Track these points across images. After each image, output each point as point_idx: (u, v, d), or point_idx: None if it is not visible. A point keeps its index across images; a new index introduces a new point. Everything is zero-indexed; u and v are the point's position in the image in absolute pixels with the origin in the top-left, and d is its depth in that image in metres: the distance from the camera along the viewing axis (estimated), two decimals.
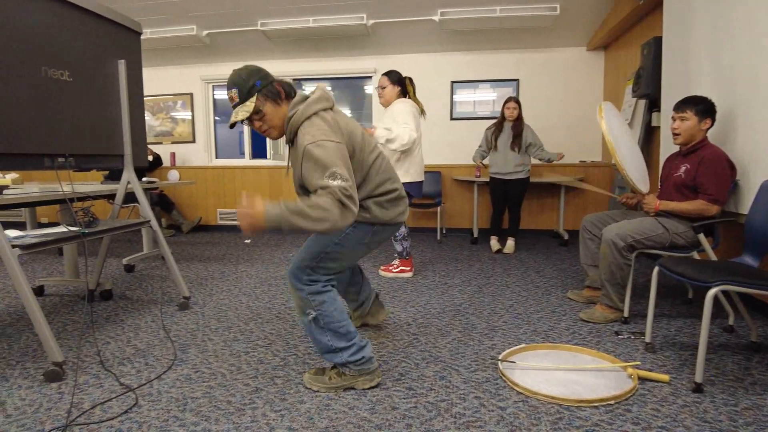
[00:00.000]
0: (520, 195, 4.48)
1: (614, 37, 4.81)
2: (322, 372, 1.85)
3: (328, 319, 1.74)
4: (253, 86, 1.68)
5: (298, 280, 1.75)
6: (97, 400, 1.74)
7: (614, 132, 2.57)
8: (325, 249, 1.75)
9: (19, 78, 2.06)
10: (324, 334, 1.75)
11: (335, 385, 1.79)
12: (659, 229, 2.40)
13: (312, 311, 1.73)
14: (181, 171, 6.14)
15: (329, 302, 1.75)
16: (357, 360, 1.77)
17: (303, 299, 1.74)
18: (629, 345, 2.23)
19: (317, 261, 1.75)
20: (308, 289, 1.73)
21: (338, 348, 1.76)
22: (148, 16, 4.80)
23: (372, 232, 1.83)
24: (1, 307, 2.89)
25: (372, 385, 1.81)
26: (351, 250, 1.81)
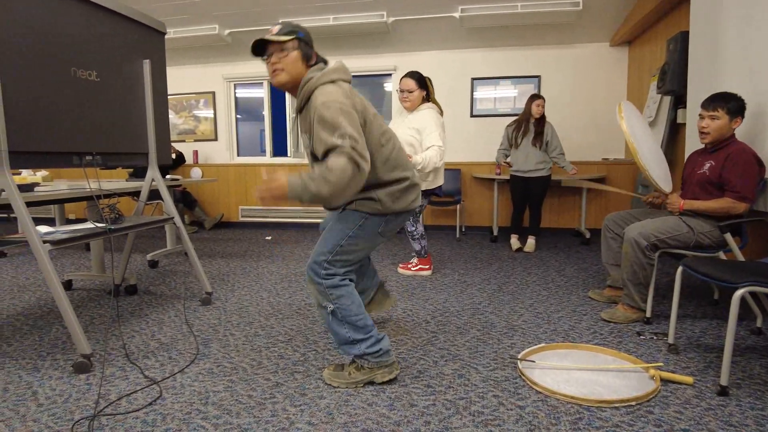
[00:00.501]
0: (541, 193, 4.44)
1: (639, 32, 4.71)
2: (342, 368, 1.87)
3: (345, 312, 1.75)
4: (297, 32, 1.73)
5: (315, 274, 1.76)
6: (123, 392, 1.79)
7: (635, 131, 2.53)
8: (340, 242, 1.77)
9: (50, 79, 2.13)
10: (342, 326, 1.77)
11: (355, 380, 1.80)
12: (683, 229, 2.36)
13: (330, 304, 1.75)
14: (204, 168, 6.24)
15: (346, 296, 1.76)
16: (374, 352, 1.78)
17: (321, 293, 1.76)
18: (651, 346, 2.20)
19: (333, 254, 1.76)
20: (326, 283, 1.75)
21: (356, 339, 1.78)
22: (171, 16, 4.88)
23: (385, 221, 1.82)
24: (32, 300, 2.99)
25: (390, 377, 1.82)
26: (366, 240, 1.81)
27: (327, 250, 1.77)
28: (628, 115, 2.55)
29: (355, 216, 1.80)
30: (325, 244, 1.78)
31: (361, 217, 1.79)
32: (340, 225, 1.80)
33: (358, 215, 1.80)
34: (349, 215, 1.81)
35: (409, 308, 2.79)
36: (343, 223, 1.81)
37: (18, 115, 1.99)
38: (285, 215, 6.10)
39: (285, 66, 1.73)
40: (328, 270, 1.76)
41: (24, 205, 1.95)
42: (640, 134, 2.60)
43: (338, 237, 1.78)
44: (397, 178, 1.81)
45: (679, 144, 3.85)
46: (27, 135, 2.03)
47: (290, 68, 1.73)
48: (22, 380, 1.89)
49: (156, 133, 2.80)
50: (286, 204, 1.57)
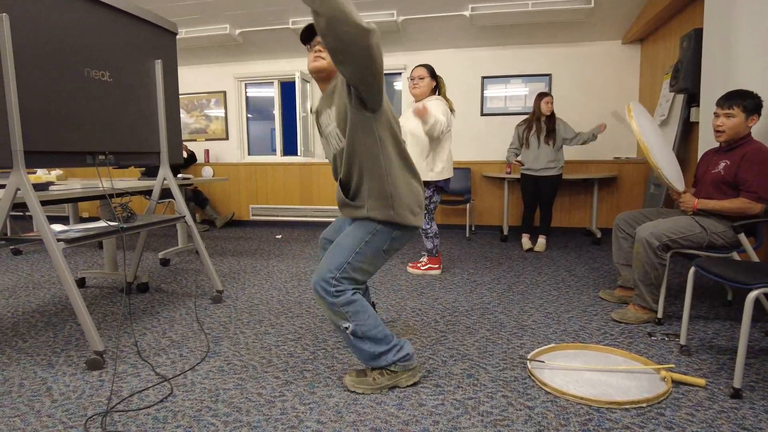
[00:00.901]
0: (552, 192, 4.41)
1: (651, 29, 4.66)
2: (364, 374, 1.81)
3: (364, 328, 1.71)
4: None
5: (326, 293, 1.68)
6: (135, 389, 1.82)
7: (645, 131, 2.50)
8: (347, 259, 1.71)
9: (64, 79, 2.16)
10: (364, 343, 1.73)
11: (380, 385, 1.77)
12: (696, 229, 2.33)
13: (348, 323, 1.69)
14: (215, 167, 6.29)
15: (362, 311, 1.71)
16: (402, 357, 1.77)
17: (336, 312, 1.70)
18: (663, 347, 2.17)
19: (340, 272, 1.70)
20: (339, 301, 1.68)
21: (380, 353, 1.74)
22: (182, 16, 4.92)
23: (391, 239, 1.78)
24: (47, 297, 3.04)
25: (415, 381, 1.81)
26: (371, 258, 1.76)
27: (334, 267, 1.70)
28: (638, 115, 2.52)
29: (364, 229, 1.76)
30: (332, 261, 1.72)
31: (370, 231, 1.75)
32: (348, 240, 1.76)
33: (365, 230, 1.75)
34: (358, 228, 1.77)
35: (418, 308, 2.79)
36: (350, 237, 1.76)
37: (33, 115, 2.02)
38: (295, 215, 6.13)
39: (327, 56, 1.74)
40: (336, 287, 1.69)
41: (39, 204, 1.98)
42: (650, 134, 2.57)
43: (346, 253, 1.73)
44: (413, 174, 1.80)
45: (692, 143, 3.81)
46: (41, 135, 2.07)
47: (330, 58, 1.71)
48: (37, 376, 1.92)
49: (167, 132, 2.82)
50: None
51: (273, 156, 6.37)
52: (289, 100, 6.38)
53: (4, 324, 2.54)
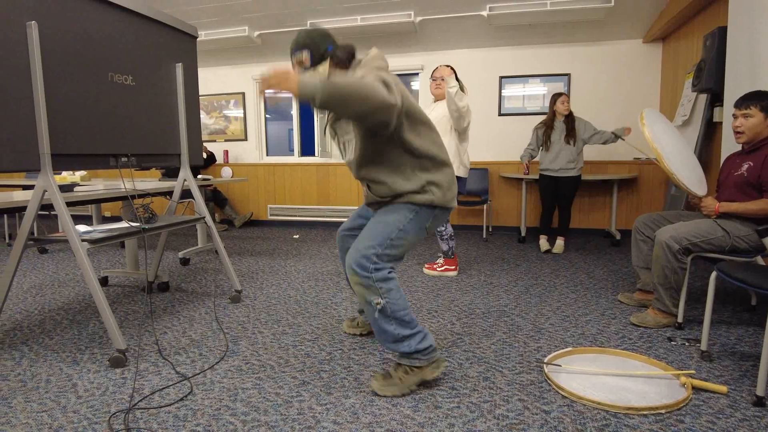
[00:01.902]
0: (571, 193, 4.37)
1: (673, 28, 4.58)
2: (389, 376, 1.79)
3: (394, 306, 1.70)
4: (326, 51, 1.65)
5: (363, 269, 1.68)
6: (156, 387, 1.86)
7: (659, 137, 2.46)
8: (390, 236, 1.71)
9: (89, 84, 2.21)
10: (390, 323, 1.71)
11: (407, 384, 1.76)
12: (718, 232, 2.29)
13: (380, 299, 1.68)
14: (234, 168, 6.37)
15: (395, 290, 1.71)
16: (425, 348, 1.75)
17: (370, 287, 1.68)
18: (683, 352, 2.14)
19: (383, 248, 1.70)
20: (375, 276, 1.68)
21: (404, 336, 1.73)
22: (202, 19, 4.99)
23: (434, 216, 1.79)
24: (71, 295, 3.12)
25: (439, 372, 1.81)
26: (414, 235, 1.77)
27: (377, 243, 1.70)
28: (651, 122, 2.49)
29: (406, 209, 1.76)
30: (373, 237, 1.71)
31: (412, 210, 1.75)
32: (391, 217, 1.75)
33: (410, 207, 1.76)
34: (399, 207, 1.77)
35: (434, 309, 2.79)
36: (394, 215, 1.76)
37: (59, 119, 2.08)
38: (312, 215, 6.18)
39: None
40: (377, 264, 1.69)
41: (65, 206, 2.03)
42: (666, 140, 2.53)
43: (390, 230, 1.72)
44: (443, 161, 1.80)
45: (715, 144, 3.73)
46: (67, 138, 2.13)
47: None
48: (63, 372, 1.98)
49: (188, 134, 2.87)
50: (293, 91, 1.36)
51: (291, 156, 6.42)
52: None
53: (32, 321, 2.62)
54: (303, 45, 1.67)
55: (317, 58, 1.65)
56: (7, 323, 2.59)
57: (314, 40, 1.65)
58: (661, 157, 2.36)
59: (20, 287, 3.32)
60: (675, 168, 2.42)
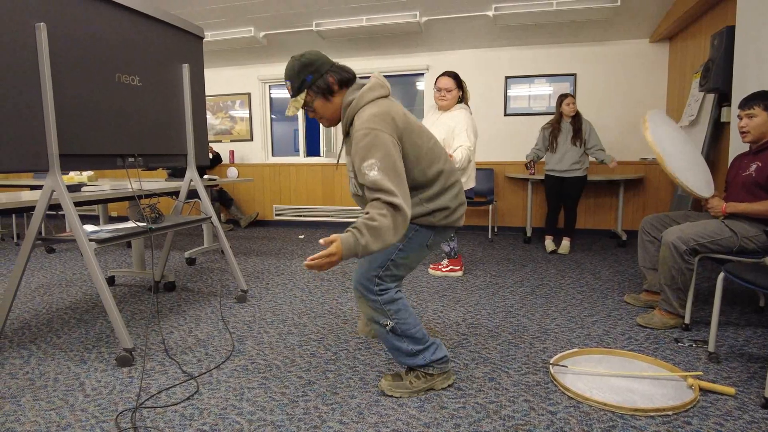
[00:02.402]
0: (577, 193, 4.35)
1: (681, 27, 4.55)
2: (400, 378, 1.81)
3: (404, 326, 1.71)
4: (304, 81, 1.66)
5: (369, 292, 1.70)
6: (163, 386, 1.87)
7: (662, 139, 2.44)
8: (390, 257, 1.71)
9: (97, 85, 2.23)
10: (402, 341, 1.73)
11: (417, 388, 1.77)
12: (726, 233, 2.27)
13: (389, 321, 1.70)
14: (240, 168, 6.39)
15: (404, 309, 1.73)
16: (440, 359, 1.77)
17: (378, 310, 1.70)
18: (690, 354, 2.13)
19: (384, 269, 1.70)
20: (382, 299, 1.70)
21: (417, 351, 1.74)
22: (208, 20, 5.01)
23: (434, 234, 1.77)
24: (78, 294, 3.14)
25: (449, 383, 1.81)
26: (415, 254, 1.76)
27: (377, 265, 1.70)
28: (654, 124, 2.47)
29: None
30: (374, 259, 1.71)
31: (411, 229, 1.73)
32: None
33: (409, 227, 1.73)
34: None
35: (439, 310, 2.79)
36: None
37: (67, 119, 2.09)
38: (318, 215, 6.19)
39: (320, 115, 1.72)
40: (380, 285, 1.70)
41: (73, 206, 2.05)
42: (670, 142, 2.51)
43: (389, 250, 1.70)
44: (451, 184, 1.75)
45: (723, 144, 3.71)
46: (75, 139, 2.14)
47: (325, 114, 1.72)
48: (71, 371, 2.00)
49: (194, 135, 2.89)
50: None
51: (296, 157, 6.43)
52: None
53: (40, 320, 2.64)
54: (286, 76, 1.70)
55: (296, 89, 1.67)
56: (15, 322, 2.61)
57: (294, 70, 1.67)
58: (662, 160, 2.35)
59: (28, 286, 3.35)
60: (677, 170, 2.40)
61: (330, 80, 1.67)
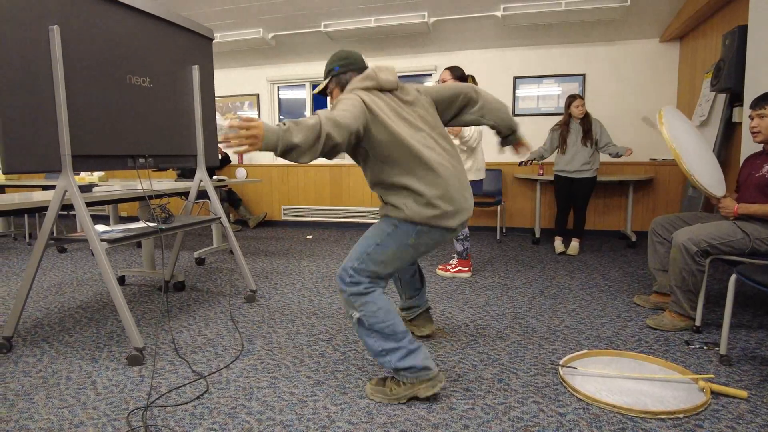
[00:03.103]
0: (587, 194, 4.33)
1: (691, 26, 4.52)
2: (383, 383, 1.80)
3: (372, 319, 1.70)
4: (332, 70, 1.89)
5: (342, 281, 1.75)
6: (173, 385, 1.88)
7: (678, 136, 2.43)
8: (367, 250, 1.75)
9: (108, 86, 2.25)
10: (370, 336, 1.72)
11: (396, 396, 1.73)
12: (738, 234, 2.25)
13: (355, 312, 1.72)
14: (248, 169, 6.43)
15: (371, 302, 1.71)
16: (408, 367, 1.70)
17: (346, 300, 1.75)
18: (701, 356, 2.11)
19: (359, 262, 1.74)
20: (349, 290, 1.73)
21: (385, 350, 1.71)
22: (217, 21, 5.04)
23: (416, 233, 1.73)
24: (89, 294, 3.17)
25: (434, 391, 1.72)
26: (395, 251, 1.75)
27: (355, 258, 1.75)
28: (670, 120, 2.45)
29: (386, 223, 1.78)
30: (354, 251, 1.78)
31: (390, 225, 1.75)
32: (371, 232, 1.79)
33: (389, 222, 1.77)
34: (381, 222, 1.80)
35: (448, 311, 2.78)
36: (373, 230, 1.80)
37: (79, 121, 2.12)
38: (326, 215, 6.20)
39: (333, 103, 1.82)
40: (353, 278, 1.73)
41: (85, 207, 2.07)
42: (685, 139, 2.49)
43: (366, 244, 1.76)
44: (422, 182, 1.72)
45: (735, 144, 3.67)
46: (87, 139, 2.17)
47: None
48: (83, 370, 2.02)
49: (204, 135, 2.91)
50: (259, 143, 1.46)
51: None
52: (320, 102, 6.45)
53: (53, 319, 2.67)
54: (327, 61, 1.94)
55: (325, 73, 1.93)
56: (28, 321, 2.64)
57: (331, 59, 1.91)
58: (679, 157, 2.33)
59: (40, 285, 3.39)
60: (693, 168, 2.38)
61: (352, 77, 1.87)
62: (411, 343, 1.73)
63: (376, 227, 1.80)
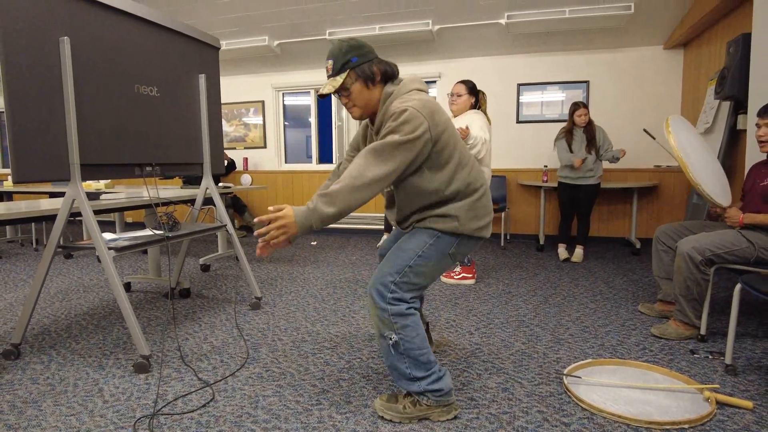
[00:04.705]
0: (590, 201, 4.33)
1: (695, 34, 4.52)
2: (395, 399, 1.73)
3: (409, 345, 1.60)
4: (348, 62, 1.62)
5: (381, 298, 1.60)
6: (179, 393, 1.89)
7: (685, 146, 2.43)
8: (409, 263, 1.63)
9: (116, 95, 2.28)
10: (402, 361, 1.63)
11: (409, 414, 1.67)
12: (743, 243, 2.25)
13: (393, 335, 1.60)
14: (253, 175, 6.46)
15: (412, 327, 1.61)
16: (435, 390, 1.65)
17: (385, 320, 1.61)
18: (706, 365, 2.11)
19: (401, 276, 1.62)
20: (392, 310, 1.60)
21: (416, 377, 1.64)
22: (223, 29, 5.09)
23: (458, 243, 1.68)
24: (96, 300, 3.19)
25: (448, 418, 1.68)
26: (436, 261, 1.66)
27: (394, 271, 1.62)
28: (676, 129, 2.46)
29: (426, 234, 1.67)
30: (392, 265, 1.63)
31: (432, 236, 1.66)
32: (410, 244, 1.66)
33: (430, 233, 1.67)
34: (419, 233, 1.68)
35: (452, 318, 2.79)
36: (412, 241, 1.67)
37: (88, 130, 2.14)
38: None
39: (354, 101, 1.67)
40: (395, 293, 1.60)
41: (93, 215, 2.09)
42: (691, 148, 2.50)
43: (408, 257, 1.63)
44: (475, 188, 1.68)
45: (739, 152, 3.67)
46: (95, 149, 2.19)
47: (359, 101, 1.67)
48: (90, 377, 2.03)
49: (210, 143, 2.93)
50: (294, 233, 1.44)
51: (309, 164, 6.48)
52: (324, 109, 6.49)
53: (60, 326, 2.69)
54: (330, 54, 1.66)
55: (338, 68, 1.62)
56: (35, 327, 2.66)
57: (341, 50, 1.62)
58: (686, 166, 2.33)
59: (47, 292, 3.41)
60: (699, 177, 2.39)
61: (375, 69, 1.64)
62: (440, 369, 1.69)
63: (414, 239, 1.67)
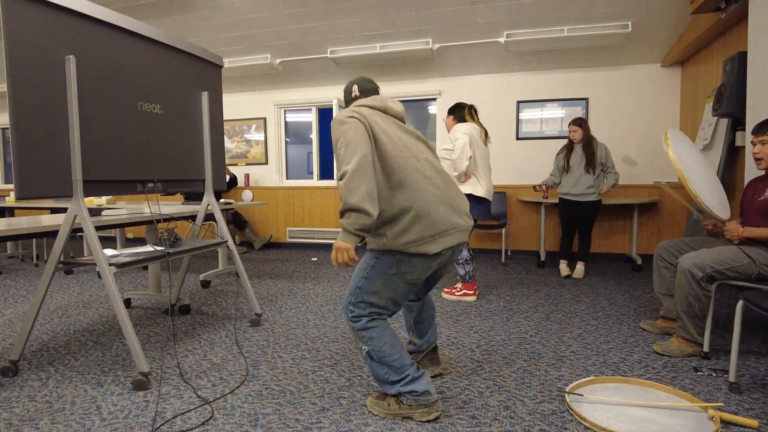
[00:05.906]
0: (591, 217, 4.33)
1: (692, 52, 4.58)
2: (383, 397, 1.86)
3: (380, 353, 1.77)
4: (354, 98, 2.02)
5: (347, 316, 1.82)
6: (178, 411, 1.88)
7: (684, 159, 2.45)
8: (358, 284, 1.80)
9: (120, 112, 2.31)
10: (380, 367, 1.79)
11: (393, 412, 1.80)
12: (744, 260, 2.25)
13: (364, 346, 1.79)
14: (254, 191, 6.47)
15: (377, 337, 1.77)
16: (410, 391, 1.77)
17: (354, 334, 1.81)
18: (710, 383, 2.09)
19: (354, 296, 1.80)
20: (356, 326, 1.79)
21: (392, 380, 1.79)
22: (226, 47, 5.16)
23: (397, 262, 1.73)
24: (95, 316, 3.18)
25: (429, 419, 1.77)
26: (383, 282, 1.76)
27: (350, 292, 1.82)
28: (676, 143, 2.47)
29: (369, 255, 1.82)
30: (350, 286, 1.84)
31: (373, 256, 1.79)
32: (360, 265, 1.84)
33: (371, 254, 1.80)
34: (366, 254, 1.84)
35: (453, 336, 2.77)
36: (361, 263, 1.84)
37: (91, 147, 2.16)
38: (331, 237, 6.22)
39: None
40: (353, 312, 1.80)
41: (94, 232, 2.10)
42: (690, 162, 2.51)
43: (357, 278, 1.82)
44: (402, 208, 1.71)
45: (738, 168, 3.68)
46: (98, 165, 2.21)
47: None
48: (88, 394, 2.02)
49: (212, 160, 2.95)
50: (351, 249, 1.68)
51: (310, 180, 6.51)
52: (326, 126, 6.53)
53: (58, 342, 2.68)
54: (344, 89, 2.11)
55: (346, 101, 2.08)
56: (34, 344, 2.65)
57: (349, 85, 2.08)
58: (685, 179, 2.34)
59: (47, 308, 3.40)
60: (699, 190, 2.40)
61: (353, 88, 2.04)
62: (415, 371, 1.81)
63: (362, 260, 1.84)
